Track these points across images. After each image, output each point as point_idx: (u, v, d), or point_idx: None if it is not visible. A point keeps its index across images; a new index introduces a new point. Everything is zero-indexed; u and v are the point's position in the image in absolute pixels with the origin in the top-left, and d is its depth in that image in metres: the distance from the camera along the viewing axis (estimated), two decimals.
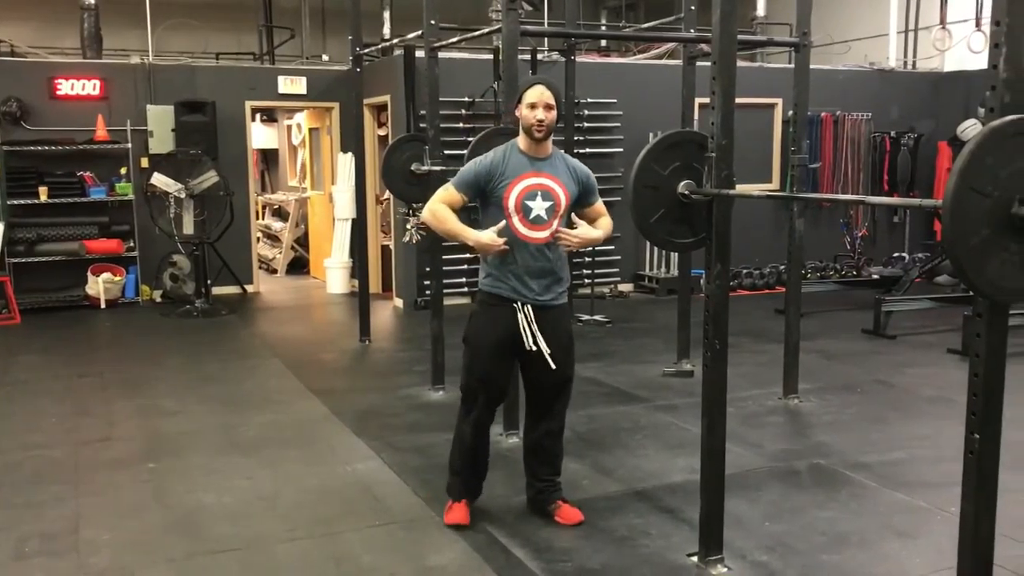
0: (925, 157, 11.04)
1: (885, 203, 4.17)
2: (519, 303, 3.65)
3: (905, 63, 11.76)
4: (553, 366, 3.69)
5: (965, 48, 9.49)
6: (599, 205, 3.86)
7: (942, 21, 10.13)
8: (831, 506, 4.07)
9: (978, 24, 9.22)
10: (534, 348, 3.65)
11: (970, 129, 9.17)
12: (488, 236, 3.59)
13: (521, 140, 3.69)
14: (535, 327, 3.64)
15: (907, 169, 10.94)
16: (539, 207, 3.62)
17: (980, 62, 2.59)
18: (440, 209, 3.68)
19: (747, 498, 4.11)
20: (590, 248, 8.92)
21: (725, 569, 3.42)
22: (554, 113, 3.61)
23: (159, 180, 8.82)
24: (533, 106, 3.59)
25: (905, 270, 9.71)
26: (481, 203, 3.72)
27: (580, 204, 3.78)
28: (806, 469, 4.57)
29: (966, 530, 2.42)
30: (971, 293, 2.31)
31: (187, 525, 3.90)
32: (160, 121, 9.42)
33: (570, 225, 3.75)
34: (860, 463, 4.59)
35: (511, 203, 3.61)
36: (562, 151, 3.82)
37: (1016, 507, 3.96)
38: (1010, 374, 2.42)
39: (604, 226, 3.82)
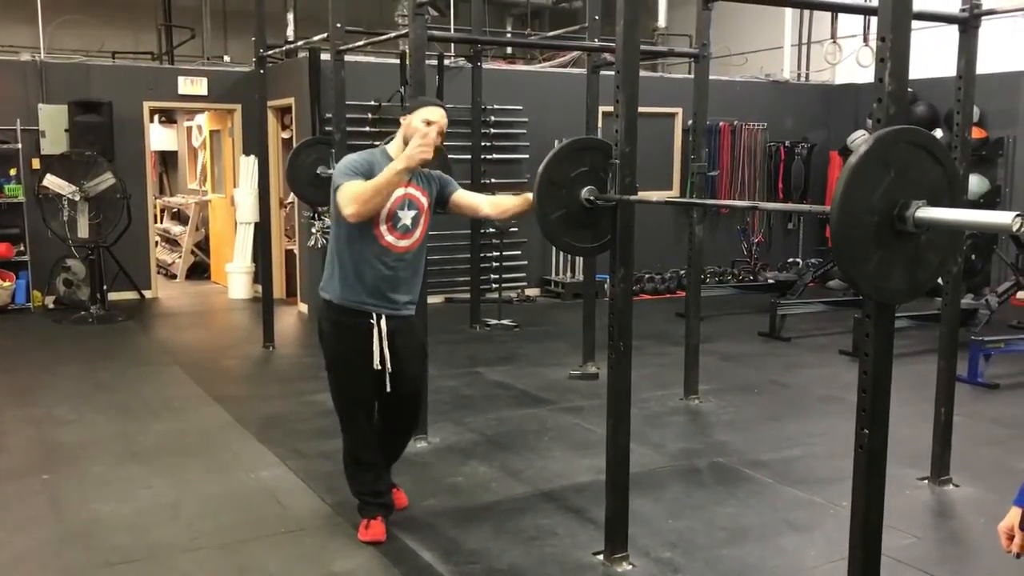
0: (818, 166, 11.46)
1: (778, 208, 4.37)
2: (375, 315, 3.56)
3: (799, 75, 12.20)
4: (389, 388, 3.62)
5: (854, 62, 9.88)
6: (467, 192, 3.85)
7: (833, 36, 10.50)
8: (731, 503, 4.20)
9: (866, 39, 9.60)
10: (379, 367, 3.57)
11: (859, 139, 9.55)
12: (410, 144, 3.37)
13: (395, 149, 3.58)
14: (386, 343, 3.56)
15: (801, 177, 11.34)
16: (406, 216, 3.56)
17: (868, 75, 2.74)
18: (358, 188, 3.38)
19: (650, 496, 4.21)
20: (497, 253, 9.09)
21: (630, 566, 3.49)
22: (440, 140, 3.53)
23: (52, 182, 8.51)
24: (430, 123, 3.49)
25: (799, 275, 10.04)
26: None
27: (444, 199, 3.73)
28: (707, 467, 4.70)
29: (856, 522, 2.53)
30: (860, 296, 2.42)
31: (83, 537, 3.78)
32: (53, 121, 9.09)
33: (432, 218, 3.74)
34: (758, 461, 4.75)
35: (383, 213, 3.50)
36: None
37: (903, 499, 4.17)
38: (897, 373, 2.55)
39: (510, 199, 3.83)
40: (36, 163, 9.04)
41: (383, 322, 3.57)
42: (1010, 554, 2.12)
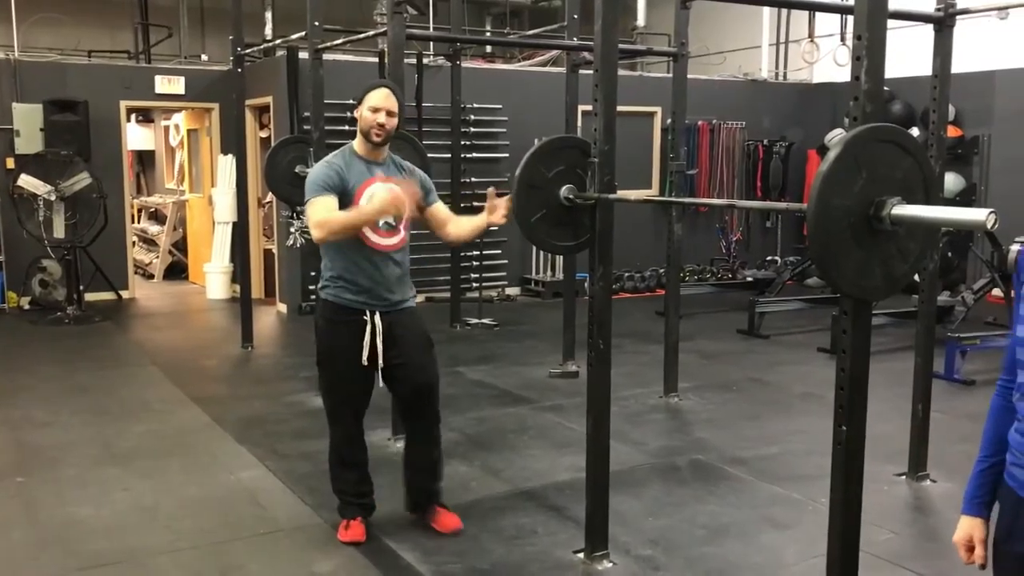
0: (796, 164, 11.51)
1: (756, 207, 4.40)
2: (368, 312, 3.53)
3: (776, 74, 12.25)
4: (381, 384, 3.59)
5: (831, 61, 9.95)
6: (443, 205, 3.78)
7: (810, 35, 10.58)
8: (711, 500, 4.21)
9: (843, 38, 9.68)
10: (367, 364, 3.53)
11: (837, 138, 9.62)
12: (386, 192, 3.35)
13: (358, 144, 3.56)
14: (379, 339, 3.53)
15: (779, 176, 11.39)
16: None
17: (845, 74, 2.77)
18: (327, 216, 3.39)
19: (631, 494, 4.21)
20: (477, 252, 9.07)
21: (610, 564, 3.50)
22: (395, 120, 3.51)
23: (27, 181, 8.42)
24: (375, 110, 3.48)
25: (777, 273, 10.10)
26: None
27: (421, 206, 3.66)
28: (686, 465, 4.71)
29: (834, 519, 2.54)
30: (837, 294, 2.43)
31: (60, 540, 3.74)
32: (27, 120, 8.99)
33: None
34: (737, 458, 4.77)
35: None
36: (393, 154, 3.69)
37: (880, 495, 4.20)
38: (874, 370, 2.56)
39: (468, 221, 3.76)
40: (10, 163, 8.95)
41: (377, 318, 3.54)
42: (972, 565, 2.05)
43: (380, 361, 3.56)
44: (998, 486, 1.98)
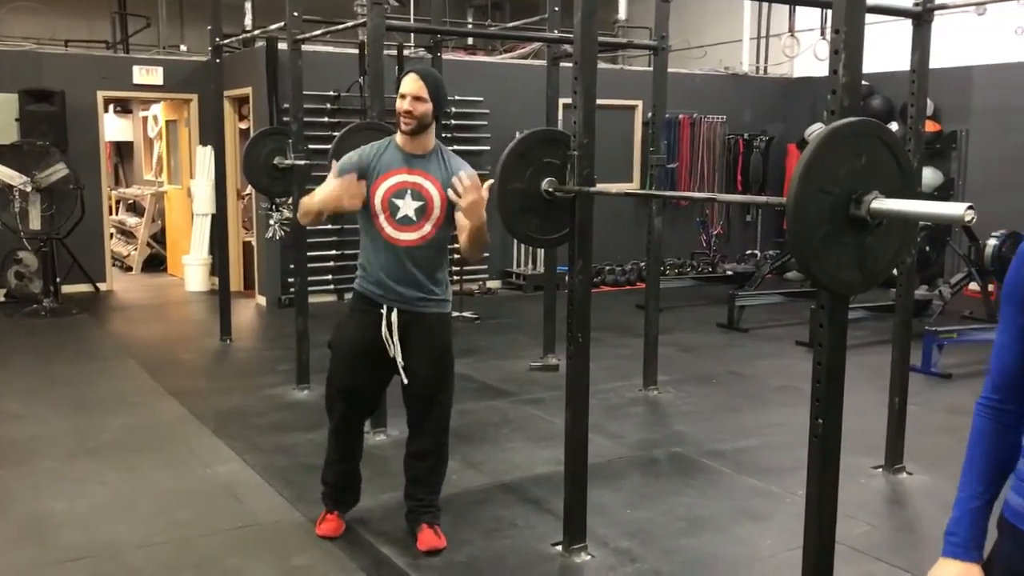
0: (776, 159, 11.56)
1: (736, 200, 4.41)
2: (386, 307, 3.44)
3: (757, 68, 12.29)
4: (405, 381, 3.47)
5: (812, 55, 9.99)
6: None
7: (791, 29, 10.63)
8: (688, 492, 4.23)
9: (823, 33, 9.72)
10: (394, 357, 3.44)
11: (817, 132, 9.65)
12: (330, 185, 3.28)
13: (398, 135, 3.45)
14: (396, 336, 3.42)
15: (759, 170, 11.43)
16: (407, 207, 3.37)
17: (825, 69, 2.76)
18: (307, 196, 3.40)
19: (609, 487, 4.22)
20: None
21: (588, 556, 3.51)
22: (426, 106, 3.33)
23: (2, 172, 8.31)
24: (402, 96, 3.35)
25: (757, 266, 10.14)
26: None
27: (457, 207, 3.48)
28: (665, 457, 4.73)
29: (811, 511, 2.55)
30: (815, 287, 2.44)
31: (34, 534, 3.71)
32: (3, 110, 8.90)
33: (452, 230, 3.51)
34: (715, 451, 4.79)
35: (377, 200, 3.36)
36: (448, 149, 3.55)
37: (857, 488, 4.22)
38: (851, 363, 2.57)
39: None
40: None
41: (394, 315, 3.43)
42: None
43: (400, 359, 3.44)
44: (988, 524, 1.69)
